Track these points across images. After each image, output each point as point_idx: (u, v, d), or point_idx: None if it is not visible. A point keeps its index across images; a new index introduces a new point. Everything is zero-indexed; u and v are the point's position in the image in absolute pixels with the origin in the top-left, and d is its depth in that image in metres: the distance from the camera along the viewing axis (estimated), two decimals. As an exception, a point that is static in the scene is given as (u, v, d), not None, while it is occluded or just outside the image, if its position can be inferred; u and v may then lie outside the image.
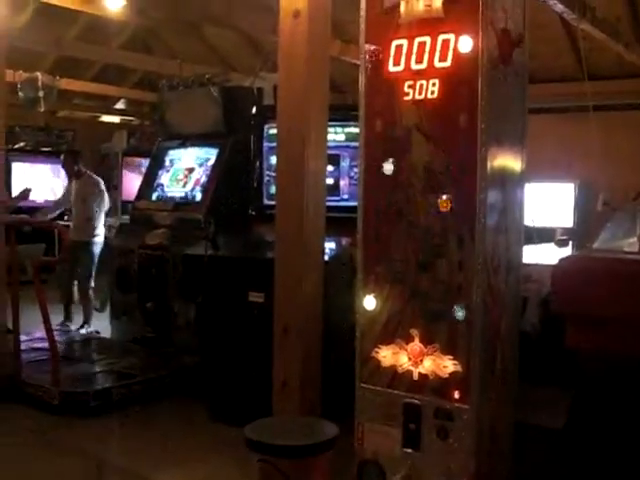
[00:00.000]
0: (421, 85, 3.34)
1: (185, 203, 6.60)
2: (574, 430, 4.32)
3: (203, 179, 6.55)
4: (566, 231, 8.45)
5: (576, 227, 9.84)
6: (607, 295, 4.34)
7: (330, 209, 4.45)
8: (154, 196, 7.02)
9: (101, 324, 7.90)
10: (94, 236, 8.02)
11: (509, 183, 3.49)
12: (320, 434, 3.42)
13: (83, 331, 7.93)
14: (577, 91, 8.34)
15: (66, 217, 8.94)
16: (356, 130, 3.71)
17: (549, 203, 9.89)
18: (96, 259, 8.08)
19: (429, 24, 3.33)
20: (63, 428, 5.23)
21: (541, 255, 6.00)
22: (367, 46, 3.49)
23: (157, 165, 7.17)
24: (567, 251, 6.74)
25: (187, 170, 6.76)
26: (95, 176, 8.30)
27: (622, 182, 8.57)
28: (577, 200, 10.16)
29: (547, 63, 9.98)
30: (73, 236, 7.73)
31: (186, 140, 6.90)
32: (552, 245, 7.00)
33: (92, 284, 8.12)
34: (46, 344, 5.98)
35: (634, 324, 4.25)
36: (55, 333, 6.12)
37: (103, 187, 8.21)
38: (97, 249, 8.08)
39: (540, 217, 8.65)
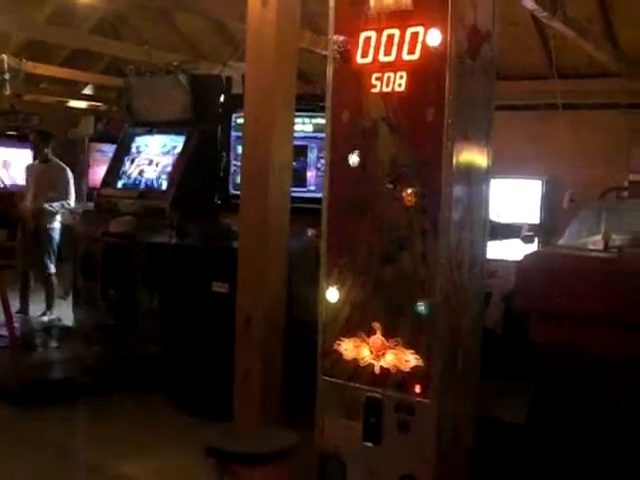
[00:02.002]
0: (389, 77, 3.32)
1: (151, 191, 6.54)
2: (536, 424, 4.35)
3: (169, 167, 6.49)
4: (532, 227, 8.51)
5: (543, 223, 9.91)
6: (570, 291, 4.36)
7: (296, 200, 4.44)
8: (119, 183, 6.95)
9: (63, 311, 7.82)
10: (55, 221, 7.94)
11: (475, 178, 3.48)
12: (280, 442, 3.37)
13: (45, 318, 7.84)
14: (547, 89, 8.40)
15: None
16: (323, 121, 3.68)
17: (516, 199, 9.96)
18: (56, 245, 7.99)
19: (398, 17, 3.30)
20: (22, 418, 5.16)
21: (506, 251, 6.04)
22: (335, 37, 3.47)
23: (123, 152, 7.09)
24: (533, 247, 6.78)
25: (153, 158, 6.69)
26: (62, 163, 8.21)
27: (589, 180, 8.66)
28: (544, 197, 10.23)
29: (517, 60, 10.02)
30: (35, 223, 7.65)
31: (153, 127, 6.83)
32: (518, 241, 7.04)
33: (53, 270, 8.03)
34: (5, 331, 5.89)
35: (596, 320, 4.28)
36: (15, 320, 6.03)
37: (70, 175, 8.11)
38: (57, 234, 8.00)
39: (507, 213, 8.71)
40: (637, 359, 4.15)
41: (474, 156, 3.47)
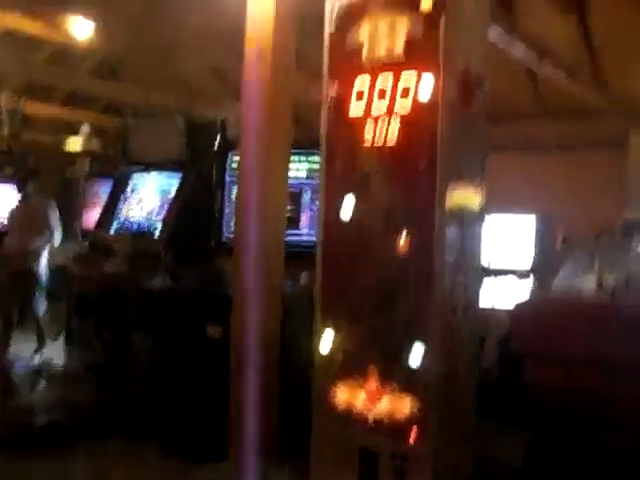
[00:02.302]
0: (381, 128, 3.37)
1: (145, 233, 6.54)
2: (532, 466, 4.34)
3: (164, 209, 6.50)
4: (527, 263, 8.52)
5: (536, 260, 9.92)
6: (565, 335, 4.38)
7: (290, 244, 4.45)
8: (114, 224, 6.96)
9: (55, 352, 7.76)
10: (41, 261, 7.91)
11: (467, 223, 3.52)
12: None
13: (36, 358, 7.78)
14: (537, 130, 8.48)
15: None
16: (317, 166, 3.73)
17: (510, 237, 9.97)
18: (44, 284, 7.96)
19: (390, 67, 3.37)
20: (9, 463, 5.09)
21: (501, 289, 6.05)
22: (329, 89, 3.53)
23: (119, 193, 7.11)
24: (527, 284, 6.80)
25: (148, 199, 6.72)
26: (46, 200, 8.18)
27: (581, 219, 8.69)
28: (537, 235, 10.24)
29: (508, 102, 10.12)
30: (19, 264, 7.63)
31: (148, 169, 6.86)
32: (512, 278, 7.06)
33: (43, 310, 7.98)
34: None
35: (591, 363, 4.29)
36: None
37: (55, 212, 8.08)
38: (44, 274, 7.97)
39: (501, 251, 8.72)
40: (632, 401, 4.16)
41: (467, 201, 3.51)
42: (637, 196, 9.17)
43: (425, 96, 3.25)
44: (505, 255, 8.91)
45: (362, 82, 3.45)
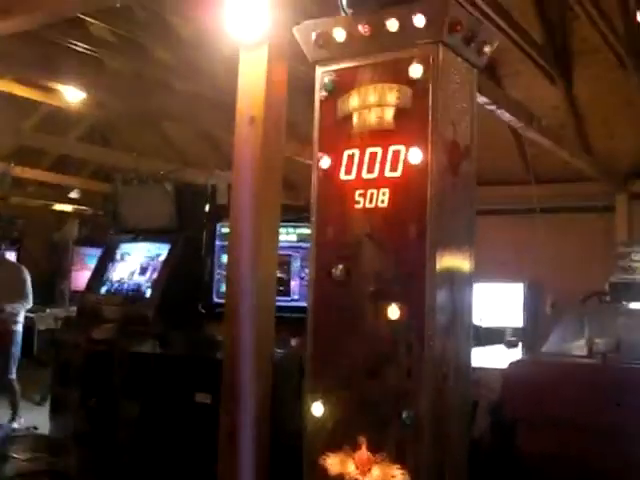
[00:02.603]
0: (372, 194, 3.41)
1: (134, 298, 6.52)
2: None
3: (154, 275, 6.49)
4: (516, 331, 8.51)
5: (525, 327, 9.91)
6: (557, 399, 4.36)
7: (280, 309, 4.45)
8: (103, 289, 6.93)
9: (40, 419, 7.67)
10: (16, 324, 7.87)
11: (458, 288, 3.53)
12: None
13: (15, 425, 7.67)
14: (525, 194, 8.58)
15: None
16: (308, 231, 3.75)
17: (499, 303, 9.97)
18: (18, 349, 7.91)
19: (380, 135, 3.41)
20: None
21: (490, 357, 6.04)
22: (319, 155, 3.57)
23: (108, 258, 7.11)
24: (516, 352, 6.79)
25: (138, 264, 6.71)
26: (17, 263, 8.21)
27: (570, 283, 8.73)
28: (526, 300, 10.23)
29: (496, 166, 10.27)
30: None
31: (138, 234, 6.86)
32: (501, 347, 7.05)
33: (14, 375, 7.91)
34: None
35: (585, 428, 4.27)
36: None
37: (27, 274, 8.07)
38: (19, 337, 7.92)
39: (490, 317, 8.72)
40: (627, 467, 4.13)
41: (457, 266, 3.52)
42: (624, 259, 9.23)
43: (414, 164, 3.30)
44: (495, 321, 8.92)
45: (352, 149, 3.49)
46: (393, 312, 3.32)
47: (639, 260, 8.97)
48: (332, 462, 3.45)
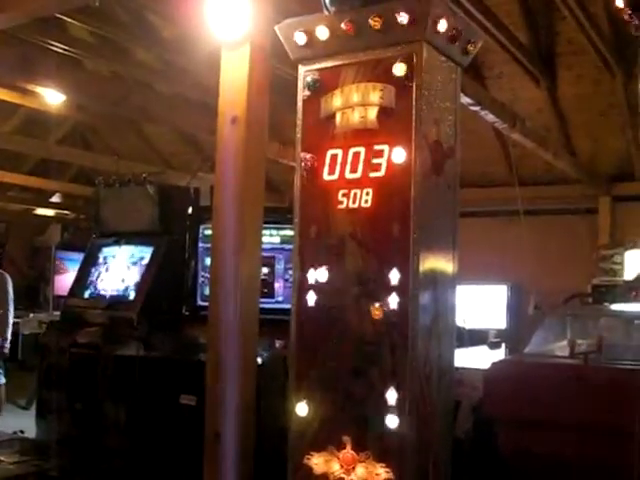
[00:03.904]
0: (355, 194, 3.41)
1: (118, 302, 6.49)
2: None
3: (137, 278, 6.46)
4: (499, 333, 8.54)
5: (509, 328, 9.96)
6: (538, 399, 4.38)
7: (264, 311, 4.43)
8: (86, 293, 6.89)
9: (26, 423, 7.63)
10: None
11: (441, 288, 3.53)
12: None
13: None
14: (508, 196, 8.62)
15: None
16: (291, 233, 3.74)
17: (482, 305, 10.02)
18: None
19: (364, 135, 3.42)
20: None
21: (473, 358, 6.05)
22: (303, 154, 3.57)
23: (90, 262, 7.07)
24: (499, 353, 6.80)
25: (121, 268, 6.68)
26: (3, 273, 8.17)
27: (553, 285, 8.76)
28: (509, 302, 10.32)
29: (480, 168, 10.32)
30: None
31: (121, 238, 6.83)
32: (484, 348, 7.06)
33: (3, 381, 7.90)
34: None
35: (567, 428, 4.28)
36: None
37: (9, 282, 8.05)
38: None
39: (473, 319, 8.75)
40: (608, 466, 4.15)
41: (440, 266, 3.53)
42: (606, 262, 9.29)
43: (398, 163, 3.30)
44: (478, 322, 8.95)
45: (336, 148, 3.48)
46: (376, 312, 3.32)
47: (621, 262, 9.03)
48: (317, 462, 3.45)
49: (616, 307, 6.25)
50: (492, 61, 8.89)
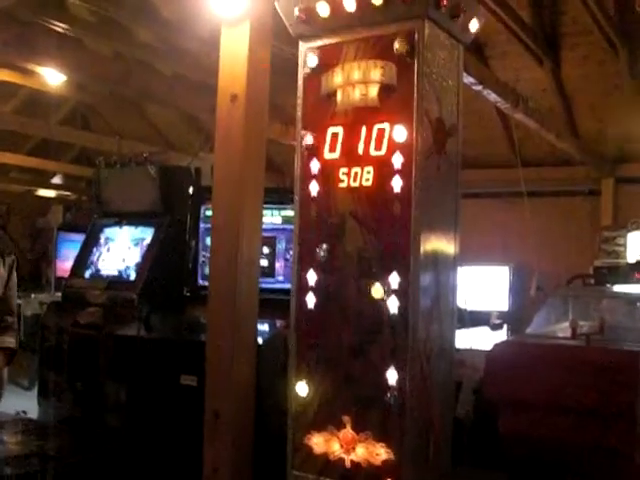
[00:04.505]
0: (356, 173, 3.38)
1: (119, 282, 6.48)
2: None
3: (138, 258, 6.45)
4: (501, 314, 8.55)
5: (511, 310, 9.97)
6: (539, 380, 4.37)
7: (265, 291, 4.42)
8: (87, 274, 6.88)
9: (28, 403, 7.65)
10: None
11: (442, 269, 3.51)
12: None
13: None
14: (511, 177, 8.58)
15: None
16: (292, 213, 3.72)
17: (485, 286, 10.02)
18: None
19: (365, 113, 3.39)
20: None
21: (475, 339, 6.05)
22: (303, 132, 3.54)
23: (92, 242, 7.05)
24: (501, 335, 6.81)
25: (122, 248, 6.67)
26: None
27: (555, 266, 8.76)
28: (512, 283, 10.32)
29: (482, 150, 10.26)
30: None
31: (122, 218, 6.80)
32: (487, 329, 7.07)
33: None
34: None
35: (567, 409, 4.28)
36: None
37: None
38: None
39: (476, 300, 8.75)
40: (608, 448, 4.15)
41: (441, 247, 3.50)
42: (608, 243, 9.26)
43: (399, 142, 3.27)
44: (480, 304, 8.95)
45: (336, 126, 3.45)
46: (377, 292, 3.30)
47: (623, 244, 9.00)
48: (317, 441, 3.45)
49: (618, 288, 6.25)
50: (495, 41, 8.81)
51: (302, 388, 3.50)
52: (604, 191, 10.50)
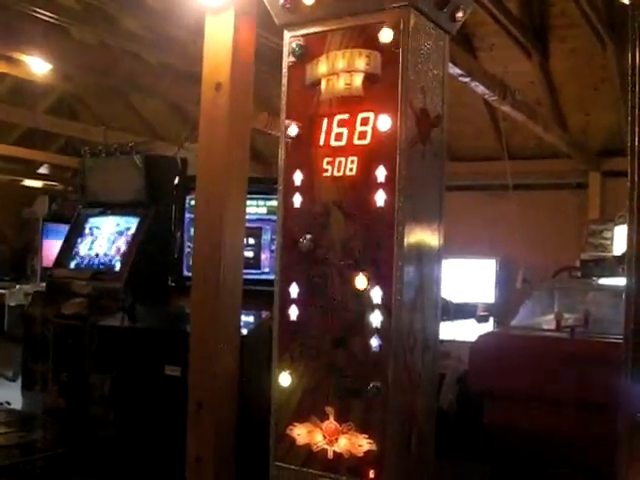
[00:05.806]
0: (340, 162, 3.36)
1: (104, 272, 6.46)
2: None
3: (123, 248, 6.43)
4: (487, 307, 8.56)
5: (497, 303, 9.99)
6: (523, 372, 4.38)
7: (250, 282, 4.41)
8: (72, 264, 6.86)
9: (12, 394, 7.61)
10: None
11: (426, 260, 3.50)
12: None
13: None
14: (498, 170, 8.58)
15: None
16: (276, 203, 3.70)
17: (471, 279, 10.04)
18: None
19: (349, 102, 3.36)
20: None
21: (461, 331, 6.05)
22: (287, 122, 3.51)
23: (77, 232, 7.03)
24: (488, 327, 6.82)
25: (107, 238, 6.64)
26: None
27: (541, 259, 8.77)
28: (498, 276, 10.35)
29: (469, 142, 10.28)
30: None
31: (107, 208, 6.79)
32: (473, 321, 7.08)
33: None
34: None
35: (550, 401, 4.29)
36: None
37: None
38: None
39: (462, 293, 8.76)
40: (591, 439, 4.16)
41: (425, 237, 3.48)
42: (595, 236, 9.29)
43: (383, 131, 3.25)
44: (467, 296, 8.97)
45: (321, 114, 3.43)
46: (360, 282, 3.28)
47: (610, 237, 9.03)
48: (300, 432, 3.43)
49: (604, 281, 6.26)
50: (483, 33, 8.81)
51: (285, 379, 3.48)
52: (591, 184, 10.53)
